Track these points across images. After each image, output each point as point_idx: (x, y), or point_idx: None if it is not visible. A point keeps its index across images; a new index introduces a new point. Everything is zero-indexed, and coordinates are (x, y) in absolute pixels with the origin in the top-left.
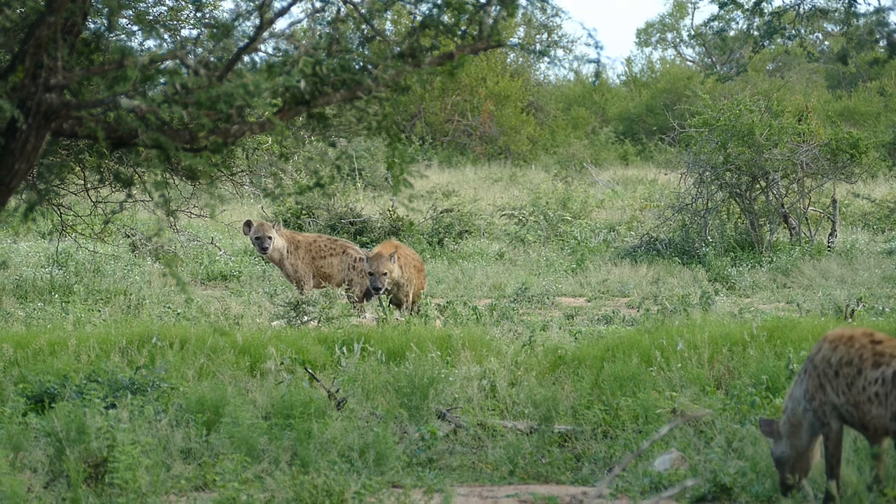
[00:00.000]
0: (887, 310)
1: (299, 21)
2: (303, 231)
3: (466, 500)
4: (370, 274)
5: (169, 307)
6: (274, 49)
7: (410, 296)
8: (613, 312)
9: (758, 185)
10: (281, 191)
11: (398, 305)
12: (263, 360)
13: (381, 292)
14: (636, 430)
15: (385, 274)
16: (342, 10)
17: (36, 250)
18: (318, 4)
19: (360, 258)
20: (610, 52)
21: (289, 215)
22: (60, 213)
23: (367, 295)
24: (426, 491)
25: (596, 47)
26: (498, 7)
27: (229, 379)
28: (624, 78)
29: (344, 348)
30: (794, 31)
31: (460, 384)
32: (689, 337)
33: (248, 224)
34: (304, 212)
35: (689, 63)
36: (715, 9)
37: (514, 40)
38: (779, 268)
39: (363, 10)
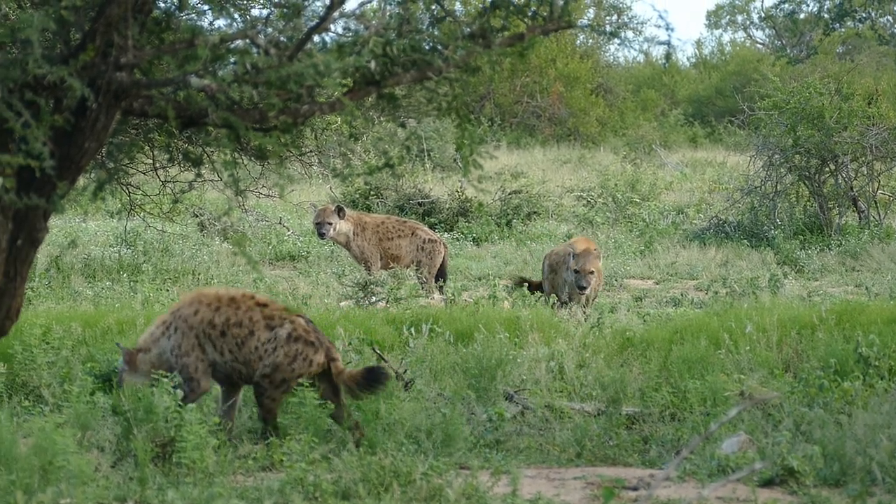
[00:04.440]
0: None
1: (369, 1)
2: (371, 212)
3: (533, 482)
4: (576, 272)
5: (237, 287)
6: (344, 29)
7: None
8: (682, 295)
9: (827, 168)
10: (350, 171)
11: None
12: (332, 340)
13: (587, 292)
14: (704, 413)
15: (592, 273)
16: None
17: (104, 229)
18: None
19: (428, 239)
20: (680, 34)
21: (357, 196)
22: (129, 192)
23: (570, 298)
24: (493, 472)
25: (666, 29)
26: None
27: None
28: (694, 60)
29: (412, 329)
30: (864, 14)
31: (528, 366)
32: (758, 320)
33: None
34: (372, 192)
35: (759, 45)
36: None
37: (585, 21)
38: (847, 251)
39: None
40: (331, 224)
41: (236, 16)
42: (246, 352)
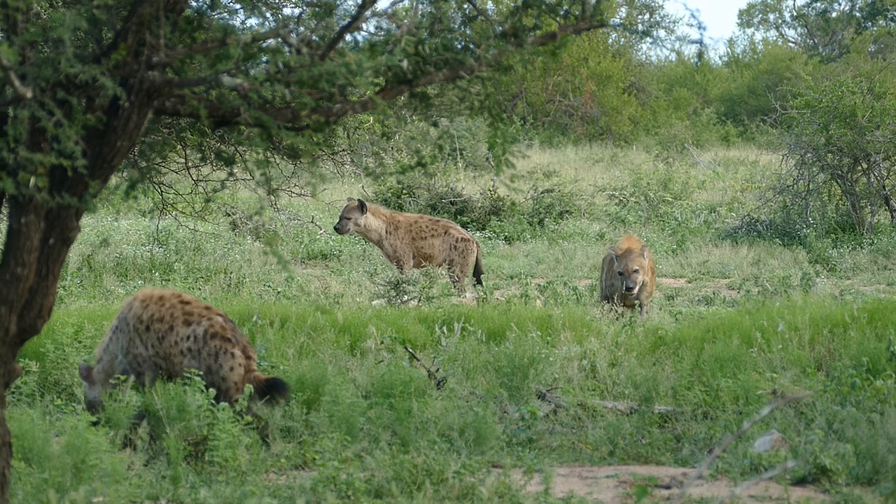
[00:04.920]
0: None
1: (401, 0)
2: (403, 210)
3: (566, 481)
4: (620, 273)
5: (269, 286)
6: (376, 28)
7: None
8: (714, 293)
9: (859, 167)
10: (382, 170)
11: (630, 307)
12: (364, 339)
13: (635, 292)
14: (736, 412)
15: (637, 271)
16: None
17: (137, 228)
18: None
19: (462, 238)
20: (712, 33)
21: (390, 195)
22: (161, 191)
23: (622, 297)
24: (526, 471)
25: (698, 28)
26: None
27: (329, 358)
28: (726, 59)
29: (444, 328)
30: None
31: (560, 364)
32: (790, 318)
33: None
34: (404, 191)
35: (791, 44)
36: None
37: (617, 20)
38: (880, 250)
39: None
40: (349, 219)
41: (268, 15)
42: (166, 346)
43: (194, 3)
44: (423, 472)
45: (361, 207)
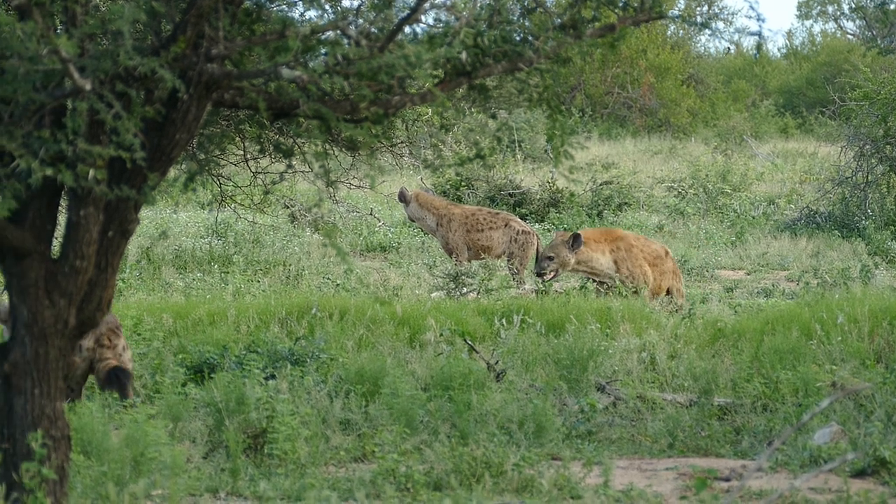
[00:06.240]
0: None
1: None
2: (462, 202)
3: (625, 473)
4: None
5: (328, 278)
6: (435, 20)
7: (641, 292)
8: (773, 285)
9: None
10: (441, 162)
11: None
12: (423, 332)
13: (544, 278)
14: (796, 404)
15: (550, 258)
16: None
17: (195, 220)
18: None
19: (522, 231)
20: (771, 25)
21: (448, 187)
22: (220, 183)
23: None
24: (585, 463)
25: (757, 20)
26: None
27: (388, 350)
28: (784, 51)
29: (503, 320)
30: None
31: (620, 357)
32: (850, 310)
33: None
34: (463, 183)
35: (849, 36)
36: None
37: (675, 12)
38: None
39: None
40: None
41: (327, 7)
42: None
43: None
44: (482, 465)
45: (401, 195)
